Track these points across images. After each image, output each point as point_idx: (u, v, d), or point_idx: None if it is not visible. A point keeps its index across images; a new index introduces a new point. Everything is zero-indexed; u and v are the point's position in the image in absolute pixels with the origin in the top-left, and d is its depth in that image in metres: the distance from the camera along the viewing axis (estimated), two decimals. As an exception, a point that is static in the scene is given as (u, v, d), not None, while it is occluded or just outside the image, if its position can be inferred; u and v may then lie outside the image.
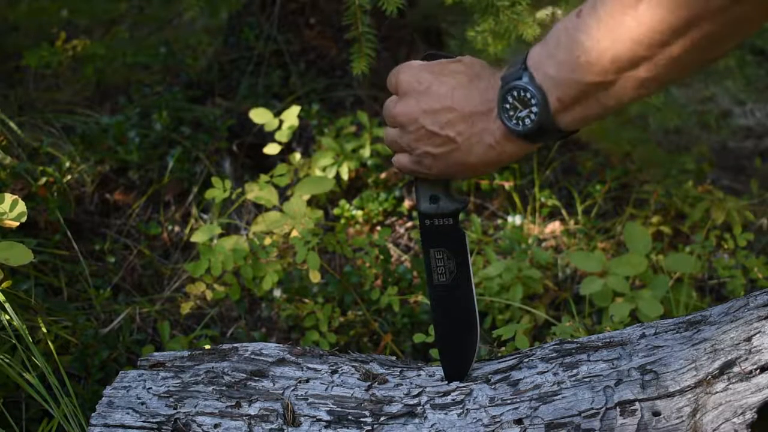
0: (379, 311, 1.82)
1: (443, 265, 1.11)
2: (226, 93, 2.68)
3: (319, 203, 2.28)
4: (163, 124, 2.36)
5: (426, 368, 1.17)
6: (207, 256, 1.66)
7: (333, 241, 1.77)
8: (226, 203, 2.18)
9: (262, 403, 1.11)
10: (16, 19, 3.63)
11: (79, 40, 2.92)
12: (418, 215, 1.10)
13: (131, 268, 2.05)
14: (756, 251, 2.22)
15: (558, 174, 2.50)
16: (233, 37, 2.76)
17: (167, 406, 1.12)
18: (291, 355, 1.18)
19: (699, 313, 1.13)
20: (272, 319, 1.91)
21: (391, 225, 2.26)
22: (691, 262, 1.83)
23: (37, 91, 2.78)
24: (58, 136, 2.38)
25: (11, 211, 1.34)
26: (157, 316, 1.86)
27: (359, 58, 1.68)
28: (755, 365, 1.01)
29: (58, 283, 1.86)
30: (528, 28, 1.63)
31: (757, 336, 1.02)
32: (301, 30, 2.66)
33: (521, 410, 1.06)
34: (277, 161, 2.25)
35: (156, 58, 2.94)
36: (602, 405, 1.05)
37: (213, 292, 1.67)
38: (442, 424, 1.08)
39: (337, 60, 2.66)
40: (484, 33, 1.72)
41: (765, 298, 1.07)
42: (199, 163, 2.35)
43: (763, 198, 2.37)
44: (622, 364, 1.08)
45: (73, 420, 1.32)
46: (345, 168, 2.21)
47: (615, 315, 1.65)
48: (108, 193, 2.31)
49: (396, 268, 1.89)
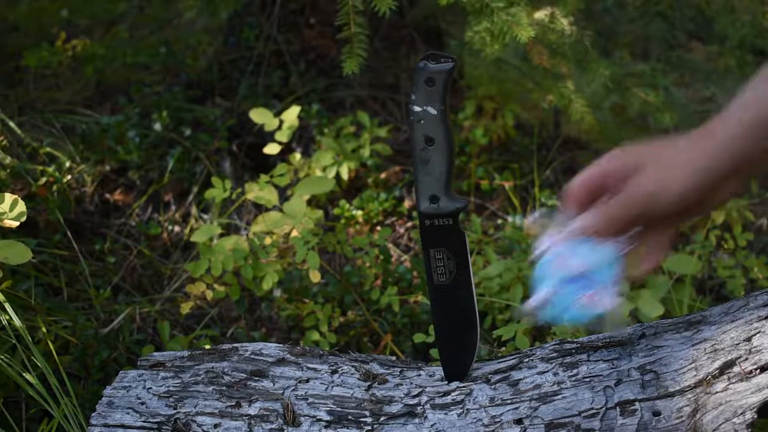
0: (379, 311, 1.82)
1: (443, 265, 1.11)
2: (226, 93, 2.67)
3: (319, 203, 2.28)
4: (163, 124, 2.37)
5: (426, 368, 1.17)
6: (207, 256, 1.66)
7: (333, 241, 1.77)
8: (226, 203, 2.18)
9: (262, 403, 1.11)
10: (16, 19, 3.63)
11: (79, 40, 2.92)
12: (418, 215, 1.10)
13: (131, 268, 2.05)
14: (756, 251, 2.22)
15: (558, 174, 2.50)
16: (233, 37, 2.76)
17: (167, 406, 1.12)
18: (291, 355, 1.18)
19: (699, 313, 1.13)
20: (272, 319, 1.91)
21: (391, 225, 2.26)
22: (691, 262, 1.83)
23: (37, 91, 2.78)
24: (58, 136, 2.38)
25: (11, 211, 1.35)
26: (157, 316, 1.86)
27: (350, 58, 1.68)
28: (755, 365, 1.01)
29: (58, 283, 1.86)
30: (522, 30, 1.63)
31: (757, 336, 1.02)
32: (301, 30, 2.66)
33: (521, 410, 1.06)
34: (277, 161, 2.25)
35: (156, 58, 2.93)
36: (602, 405, 1.05)
37: (213, 292, 1.67)
38: (442, 424, 1.08)
39: (337, 60, 2.65)
40: (482, 33, 1.72)
41: (765, 298, 1.07)
42: (199, 163, 2.35)
43: (763, 198, 2.37)
44: (622, 364, 1.08)
45: (73, 420, 1.32)
46: (345, 168, 2.21)
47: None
48: (108, 193, 2.31)
49: (396, 268, 1.89)
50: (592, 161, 1.02)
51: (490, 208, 2.35)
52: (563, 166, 2.54)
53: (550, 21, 1.89)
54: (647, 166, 0.97)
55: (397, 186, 2.33)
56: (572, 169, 2.54)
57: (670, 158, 0.96)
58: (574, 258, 1.00)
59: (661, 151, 0.98)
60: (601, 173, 1.01)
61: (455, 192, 1.09)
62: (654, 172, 0.96)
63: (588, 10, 2.83)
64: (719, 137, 0.94)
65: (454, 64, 1.04)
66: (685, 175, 0.95)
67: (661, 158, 0.97)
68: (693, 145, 0.96)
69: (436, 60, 1.04)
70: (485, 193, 2.36)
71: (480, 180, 2.36)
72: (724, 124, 0.94)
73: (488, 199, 2.36)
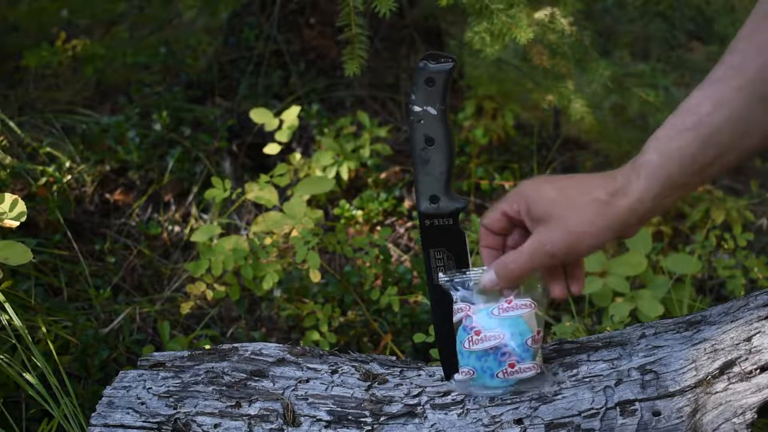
0: (379, 311, 1.82)
1: (443, 265, 1.11)
2: (226, 93, 2.67)
3: (319, 203, 2.28)
4: (163, 124, 2.37)
5: (426, 368, 1.17)
6: (207, 256, 1.66)
7: (333, 241, 1.77)
8: (226, 203, 2.18)
9: (262, 403, 1.11)
10: (16, 19, 3.63)
11: (79, 40, 2.92)
12: (418, 215, 1.10)
13: (131, 268, 2.05)
14: (756, 251, 2.22)
15: (558, 174, 2.50)
16: (233, 37, 2.76)
17: (167, 406, 1.12)
18: (291, 355, 1.18)
19: (699, 313, 1.14)
20: (272, 319, 1.91)
21: (391, 225, 2.26)
22: (691, 262, 1.83)
23: (37, 91, 2.78)
24: (58, 136, 2.38)
25: (11, 211, 1.35)
26: (157, 316, 1.86)
27: (351, 59, 1.68)
28: (755, 365, 1.01)
29: (58, 283, 1.86)
30: (522, 31, 1.63)
31: (757, 336, 1.02)
32: (301, 30, 2.66)
33: (521, 410, 1.06)
34: (277, 161, 2.25)
35: (156, 58, 2.93)
36: (602, 405, 1.05)
37: (213, 292, 1.67)
38: (442, 424, 1.08)
39: (337, 60, 2.66)
40: (481, 33, 1.72)
41: (765, 298, 1.07)
42: (199, 163, 2.35)
43: (763, 198, 2.37)
44: (622, 364, 1.08)
45: (73, 420, 1.32)
46: (345, 168, 2.21)
47: (615, 315, 1.65)
48: (108, 193, 2.31)
49: (396, 268, 1.89)
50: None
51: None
52: (563, 166, 2.54)
53: (550, 21, 1.89)
54: (553, 224, 0.98)
55: (397, 186, 2.33)
56: (572, 169, 2.54)
57: (578, 221, 0.97)
58: (485, 332, 1.05)
59: (569, 205, 0.98)
60: (506, 216, 1.05)
61: (455, 192, 1.09)
62: (561, 236, 0.98)
63: (588, 10, 2.83)
64: (633, 196, 0.95)
65: (454, 64, 1.04)
66: (593, 240, 0.98)
67: (569, 219, 0.97)
68: (604, 207, 0.96)
69: (436, 60, 1.04)
70: (485, 193, 2.36)
71: (480, 180, 2.36)
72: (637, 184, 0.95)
73: (488, 199, 2.36)
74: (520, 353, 1.05)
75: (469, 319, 1.07)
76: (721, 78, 0.91)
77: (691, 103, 0.93)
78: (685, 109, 0.93)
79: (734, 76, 0.90)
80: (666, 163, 0.94)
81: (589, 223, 0.97)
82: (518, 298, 1.06)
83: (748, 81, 0.89)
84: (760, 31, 0.89)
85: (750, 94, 0.89)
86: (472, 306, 1.07)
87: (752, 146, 0.92)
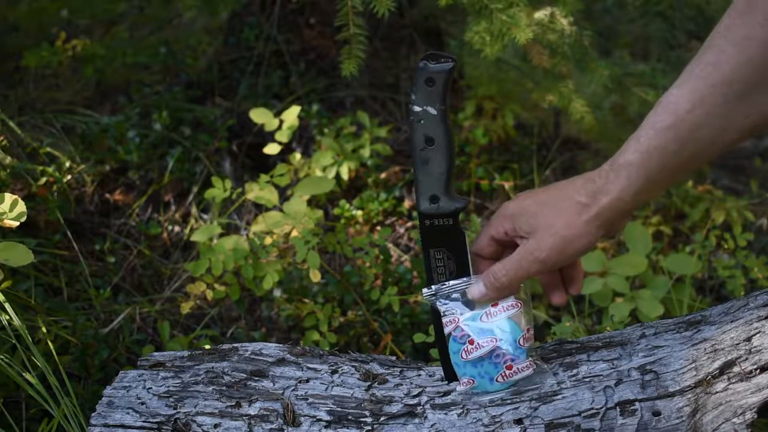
0: (379, 311, 1.82)
1: (443, 265, 1.11)
2: (226, 93, 2.67)
3: (319, 203, 2.28)
4: (163, 124, 2.36)
5: (426, 368, 1.17)
6: (207, 256, 1.66)
7: (333, 241, 1.77)
8: (226, 203, 2.17)
9: (262, 403, 1.11)
10: (16, 19, 3.62)
11: (79, 40, 2.91)
12: (418, 215, 1.10)
13: (131, 268, 2.05)
14: (756, 251, 2.22)
15: (558, 174, 2.50)
16: (233, 37, 2.76)
17: (167, 406, 1.12)
18: (291, 355, 1.18)
19: (699, 313, 1.14)
20: (272, 319, 1.91)
21: (391, 225, 2.26)
22: (691, 262, 1.83)
23: (37, 91, 2.78)
24: (58, 136, 2.37)
25: (11, 211, 1.34)
26: (157, 316, 1.86)
27: (349, 59, 1.69)
28: (755, 365, 1.01)
29: (58, 283, 1.86)
30: (521, 32, 1.63)
31: (757, 336, 1.02)
32: (301, 30, 2.66)
33: (521, 410, 1.06)
34: (277, 161, 2.25)
35: (156, 58, 2.93)
36: (602, 405, 1.05)
37: (213, 292, 1.67)
38: (442, 424, 1.08)
39: (337, 60, 2.65)
40: (481, 33, 1.72)
41: (765, 298, 1.07)
42: (199, 163, 2.35)
43: (763, 198, 2.37)
44: (622, 364, 1.08)
45: (73, 420, 1.32)
46: (345, 168, 2.21)
47: (615, 315, 1.65)
48: (108, 193, 2.31)
49: (396, 268, 1.89)
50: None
51: (490, 208, 2.35)
52: (563, 166, 2.54)
53: (549, 21, 1.89)
54: (539, 233, 1.01)
55: (397, 186, 2.33)
56: (572, 169, 2.53)
57: (563, 225, 1.00)
58: (478, 339, 1.07)
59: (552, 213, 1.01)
60: (494, 240, 1.08)
61: (455, 192, 1.09)
62: (548, 241, 1.01)
63: (588, 10, 2.82)
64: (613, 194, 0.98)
65: (454, 64, 1.04)
66: (580, 242, 1.00)
67: (554, 225, 1.00)
68: (586, 209, 0.99)
69: (436, 60, 1.04)
70: (485, 193, 2.36)
71: (480, 180, 2.36)
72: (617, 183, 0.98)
73: (488, 199, 2.36)
74: (514, 353, 1.06)
75: (458, 330, 1.08)
76: (699, 75, 0.91)
77: (669, 101, 0.94)
78: (664, 107, 0.94)
79: (712, 73, 0.90)
80: (646, 161, 0.95)
81: (573, 226, 0.99)
82: (503, 301, 1.08)
83: (725, 79, 0.89)
84: (736, 28, 0.89)
85: (727, 91, 0.89)
86: (460, 316, 1.09)
87: (732, 141, 0.93)
